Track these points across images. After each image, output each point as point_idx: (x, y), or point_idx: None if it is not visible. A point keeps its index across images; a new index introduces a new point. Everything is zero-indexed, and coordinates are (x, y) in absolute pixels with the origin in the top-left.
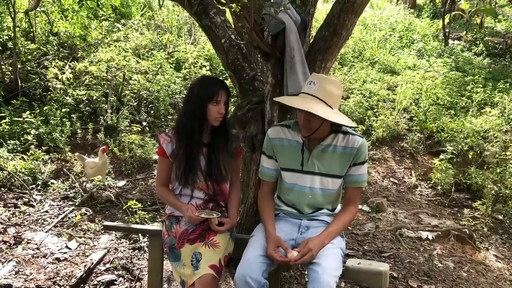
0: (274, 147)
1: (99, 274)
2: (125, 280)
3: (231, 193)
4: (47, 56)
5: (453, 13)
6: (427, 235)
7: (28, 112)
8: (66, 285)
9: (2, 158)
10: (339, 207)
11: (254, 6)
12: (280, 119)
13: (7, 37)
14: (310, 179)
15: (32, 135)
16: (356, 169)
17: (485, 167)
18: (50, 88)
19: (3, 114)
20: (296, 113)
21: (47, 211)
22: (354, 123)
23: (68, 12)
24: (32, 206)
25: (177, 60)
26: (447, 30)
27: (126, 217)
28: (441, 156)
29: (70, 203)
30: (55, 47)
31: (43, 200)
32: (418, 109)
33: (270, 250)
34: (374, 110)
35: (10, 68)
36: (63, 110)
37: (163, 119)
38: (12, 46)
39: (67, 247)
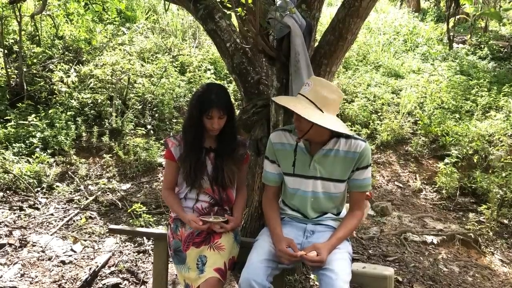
0: (276, 152)
1: (104, 277)
2: (130, 284)
3: (237, 195)
4: (53, 60)
5: (458, 16)
6: (432, 239)
7: (33, 115)
8: None
9: (7, 161)
10: (344, 211)
11: (259, 10)
12: (285, 122)
13: (13, 41)
14: (312, 183)
15: (37, 138)
16: (360, 173)
17: (490, 171)
18: (55, 92)
19: (9, 117)
20: None
21: (52, 214)
22: (346, 129)
23: (74, 15)
24: (37, 209)
25: (182, 63)
26: (451, 33)
27: (130, 220)
28: (446, 160)
29: (75, 206)
30: (61, 51)
31: (48, 203)
32: (422, 112)
33: (283, 247)
34: (379, 114)
35: (16, 71)
36: (68, 113)
37: (167, 123)
38: (18, 50)
39: (72, 250)
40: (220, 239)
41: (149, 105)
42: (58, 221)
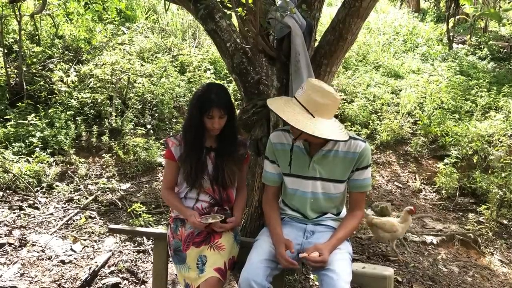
0: (276, 152)
1: (103, 277)
2: (130, 283)
3: (237, 195)
4: (52, 59)
5: (457, 17)
6: (432, 240)
7: (33, 115)
8: (71, 287)
9: (7, 160)
10: (344, 211)
11: (260, 10)
12: (285, 122)
13: (12, 40)
14: (311, 184)
15: (37, 138)
16: (360, 173)
17: (490, 172)
18: (55, 91)
19: (8, 117)
20: None
21: (52, 214)
22: (336, 135)
23: (73, 15)
24: (37, 208)
25: (182, 63)
26: (451, 34)
27: (130, 220)
28: (446, 160)
29: (75, 205)
30: (60, 50)
31: (48, 203)
32: (422, 113)
33: (282, 251)
34: (378, 114)
35: (15, 71)
36: (68, 113)
37: (167, 122)
38: (17, 49)
39: (71, 249)
40: (220, 239)
41: (149, 104)
42: (58, 221)
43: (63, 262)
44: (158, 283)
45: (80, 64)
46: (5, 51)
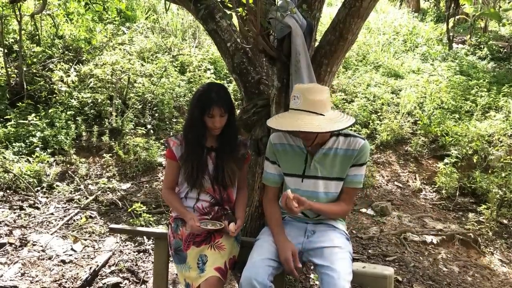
0: (276, 152)
1: (104, 277)
2: (130, 283)
3: (238, 194)
4: (53, 59)
5: (457, 17)
6: (432, 239)
7: (33, 115)
8: (72, 287)
9: (7, 160)
10: None
11: (260, 10)
12: None
13: (13, 40)
14: (313, 183)
15: (37, 138)
16: (355, 169)
17: (490, 171)
18: (55, 91)
19: (9, 117)
20: None
21: (52, 214)
22: (350, 120)
23: (74, 15)
24: (38, 208)
25: (182, 63)
26: (451, 34)
27: (130, 220)
28: (446, 160)
29: (75, 205)
30: (60, 50)
31: (48, 203)
32: (422, 113)
33: (289, 257)
34: (378, 114)
35: (15, 70)
36: (68, 112)
37: (167, 122)
38: (18, 49)
39: (72, 249)
40: (220, 239)
41: (149, 104)
42: (58, 221)
43: (63, 261)
44: (159, 283)
45: (80, 64)
46: (5, 51)
